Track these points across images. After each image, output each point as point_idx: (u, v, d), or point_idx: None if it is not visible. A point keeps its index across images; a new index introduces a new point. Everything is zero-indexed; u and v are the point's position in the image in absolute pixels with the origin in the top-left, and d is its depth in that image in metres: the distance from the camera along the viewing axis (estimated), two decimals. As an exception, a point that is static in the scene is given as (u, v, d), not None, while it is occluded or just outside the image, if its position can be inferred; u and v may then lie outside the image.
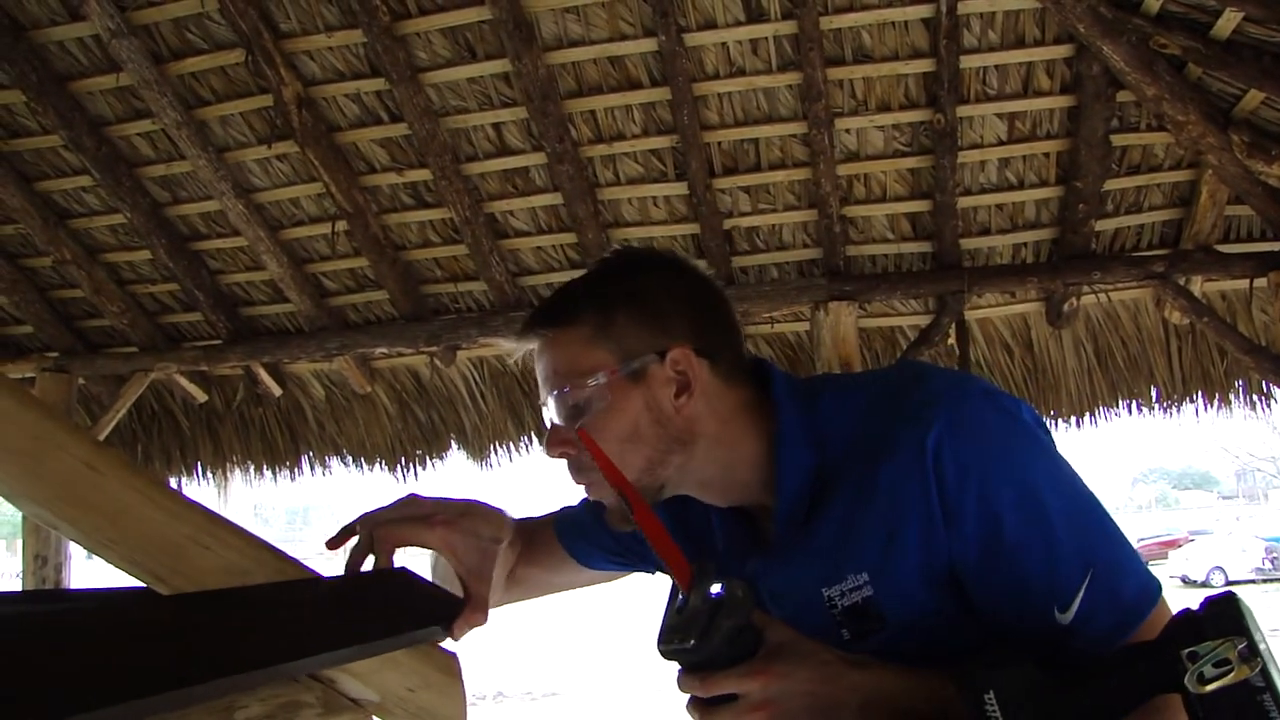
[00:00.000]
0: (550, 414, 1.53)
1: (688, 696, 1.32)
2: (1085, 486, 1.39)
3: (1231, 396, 6.44)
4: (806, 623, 1.42)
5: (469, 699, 1.56)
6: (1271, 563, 29.00)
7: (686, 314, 1.53)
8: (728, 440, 1.52)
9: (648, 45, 5.53)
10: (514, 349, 1.60)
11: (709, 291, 1.60)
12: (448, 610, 1.52)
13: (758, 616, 1.30)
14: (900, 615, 1.41)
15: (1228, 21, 4.61)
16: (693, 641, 1.23)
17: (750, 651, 1.28)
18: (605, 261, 1.62)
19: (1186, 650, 1.10)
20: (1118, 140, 5.52)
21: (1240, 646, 1.08)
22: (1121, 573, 1.33)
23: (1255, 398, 6.40)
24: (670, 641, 1.25)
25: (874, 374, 1.75)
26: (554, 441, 1.53)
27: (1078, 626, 1.30)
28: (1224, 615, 1.11)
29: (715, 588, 1.25)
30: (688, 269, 1.60)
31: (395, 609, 1.43)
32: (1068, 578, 1.31)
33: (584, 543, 1.88)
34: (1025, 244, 6.08)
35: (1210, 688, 1.08)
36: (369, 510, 1.56)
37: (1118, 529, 1.36)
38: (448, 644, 1.54)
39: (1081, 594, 1.30)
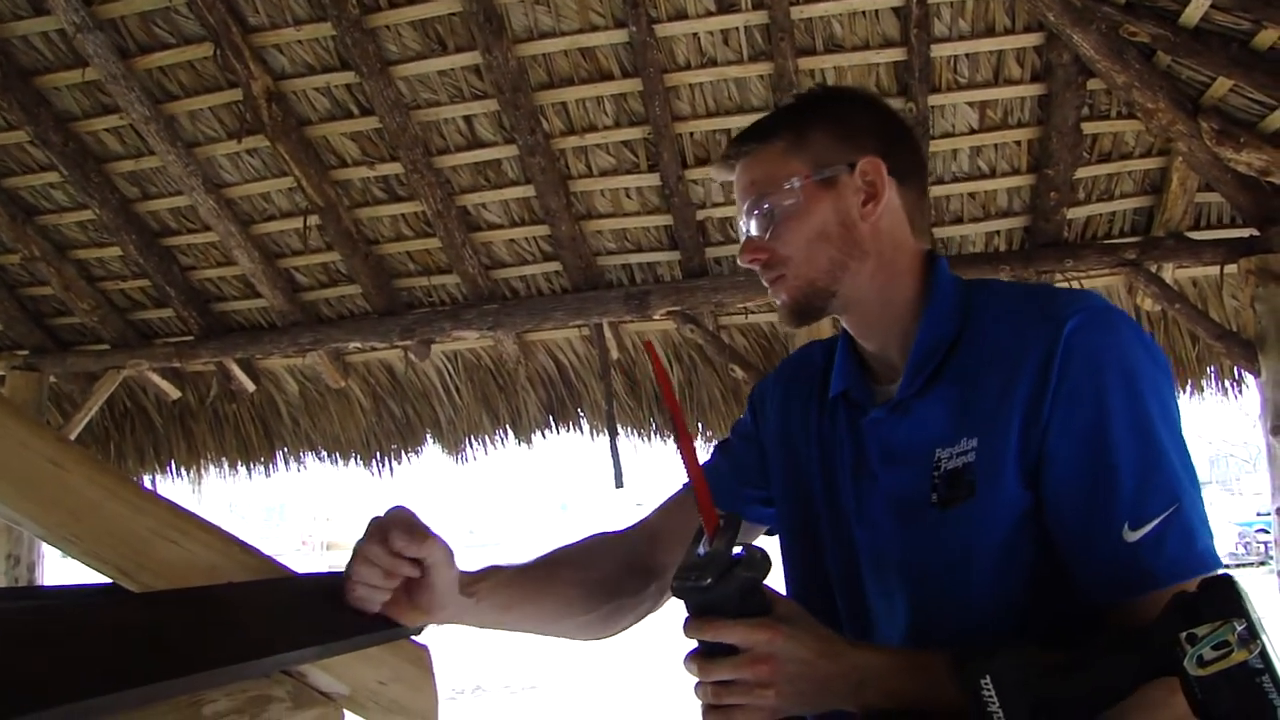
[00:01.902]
0: (747, 228, 1.65)
1: (688, 648, 1.34)
2: (1185, 439, 1.42)
3: (1204, 383, 6.48)
4: (906, 483, 1.53)
5: (447, 692, 1.56)
6: (1245, 548, 29.25)
7: (877, 134, 1.64)
8: (894, 269, 1.62)
9: (618, 36, 5.52)
10: (719, 175, 1.73)
11: (901, 123, 1.71)
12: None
13: (768, 590, 1.32)
14: (987, 492, 1.45)
15: (1196, 9, 4.63)
16: (709, 580, 1.26)
17: (758, 613, 1.30)
18: (799, 96, 1.73)
19: (1185, 633, 1.10)
20: (1089, 128, 5.55)
21: (1239, 629, 1.08)
22: (1200, 523, 1.36)
23: (1227, 383, 6.45)
24: (686, 578, 1.28)
25: (1029, 284, 1.85)
26: (748, 249, 1.66)
27: (1142, 549, 1.33)
28: (1222, 597, 1.11)
29: (737, 549, 1.29)
30: (882, 103, 1.74)
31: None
32: (1152, 498, 1.35)
33: (736, 499, 1.86)
34: (998, 232, 6.10)
35: (1209, 670, 1.09)
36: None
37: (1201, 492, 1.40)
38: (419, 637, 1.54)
39: (1158, 520, 1.33)
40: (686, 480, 1.75)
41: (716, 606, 1.28)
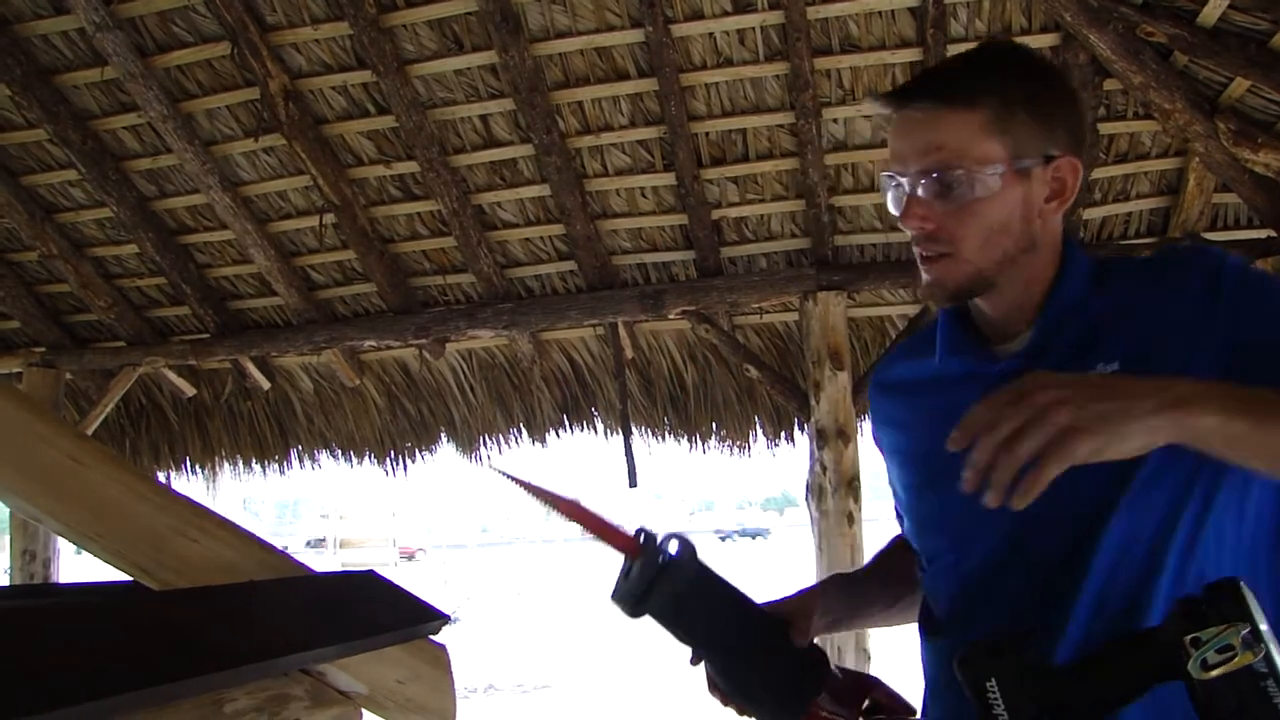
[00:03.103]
0: (912, 187, 1.51)
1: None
2: None
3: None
4: None
5: (459, 691, 1.56)
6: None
7: (1073, 126, 1.55)
8: (1047, 256, 1.56)
9: (635, 36, 5.52)
10: (875, 109, 1.64)
11: (1084, 111, 1.69)
12: (424, 609, 1.51)
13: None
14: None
15: (1213, 9, 4.61)
16: (635, 600, 1.39)
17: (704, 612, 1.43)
18: (994, 52, 1.61)
19: (1189, 636, 1.10)
20: (1105, 128, 5.52)
21: (1244, 632, 1.08)
22: None
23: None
24: (622, 602, 1.42)
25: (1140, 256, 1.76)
26: (915, 213, 1.51)
27: None
28: (1227, 601, 1.11)
29: (673, 546, 1.41)
30: (1071, 84, 1.65)
31: (380, 606, 1.43)
32: None
33: None
34: (1013, 233, 6.07)
35: (1213, 674, 1.08)
36: None
37: None
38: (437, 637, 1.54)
39: None
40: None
41: (666, 611, 1.41)
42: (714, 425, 7.06)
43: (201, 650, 1.08)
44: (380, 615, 1.40)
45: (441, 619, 1.52)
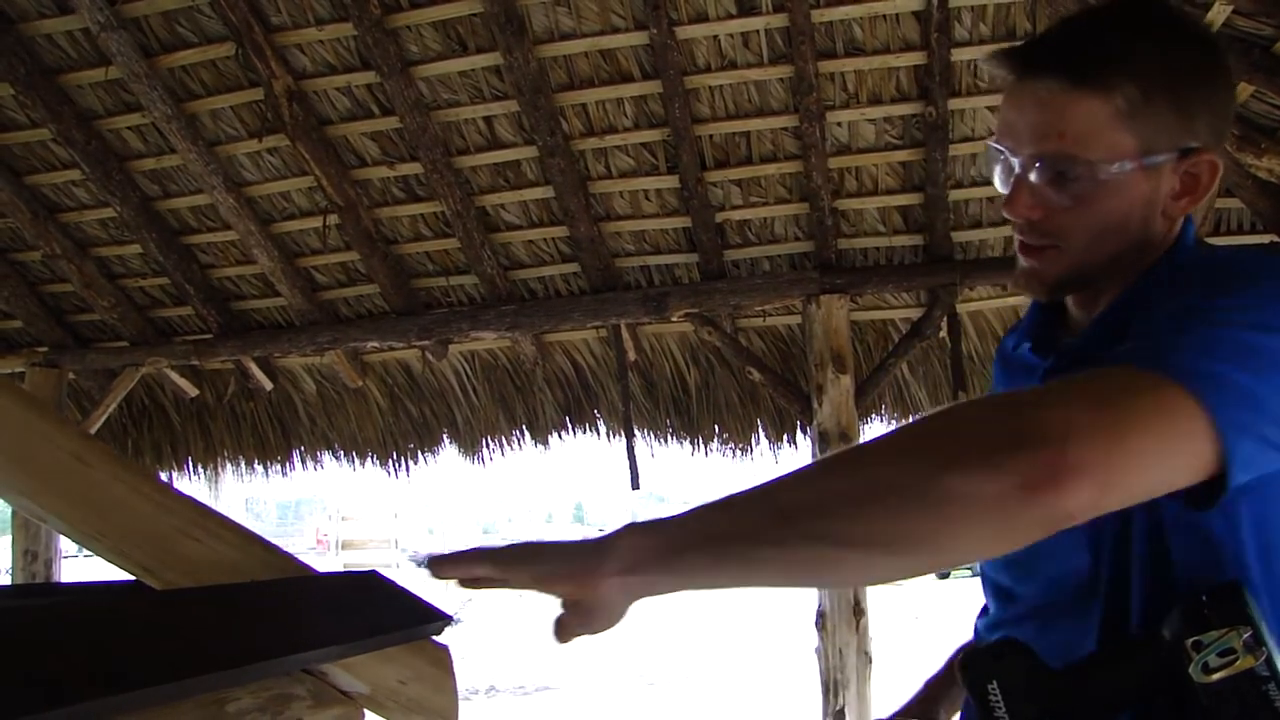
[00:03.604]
0: (1022, 169, 1.34)
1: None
2: None
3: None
4: None
5: (461, 693, 1.56)
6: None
7: (1214, 111, 1.34)
8: (1157, 255, 1.37)
9: (639, 38, 5.52)
10: (995, 68, 1.36)
11: (1231, 88, 1.42)
12: (427, 610, 1.51)
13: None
14: None
15: (1217, 14, 4.60)
16: None
17: None
18: (1142, 14, 1.35)
19: (1191, 640, 1.10)
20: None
21: (1245, 636, 1.07)
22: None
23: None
24: None
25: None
26: (1023, 203, 1.35)
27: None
28: (1228, 604, 1.10)
29: None
30: (1222, 52, 1.38)
31: (383, 606, 1.43)
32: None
33: None
34: (1017, 237, 6.07)
35: (1215, 677, 1.08)
36: None
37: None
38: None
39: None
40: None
41: None
42: (716, 428, 7.06)
43: (204, 650, 1.08)
44: (382, 616, 1.40)
45: (444, 620, 1.51)
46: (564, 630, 1.15)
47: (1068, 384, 1.06)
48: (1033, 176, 1.33)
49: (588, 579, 1.10)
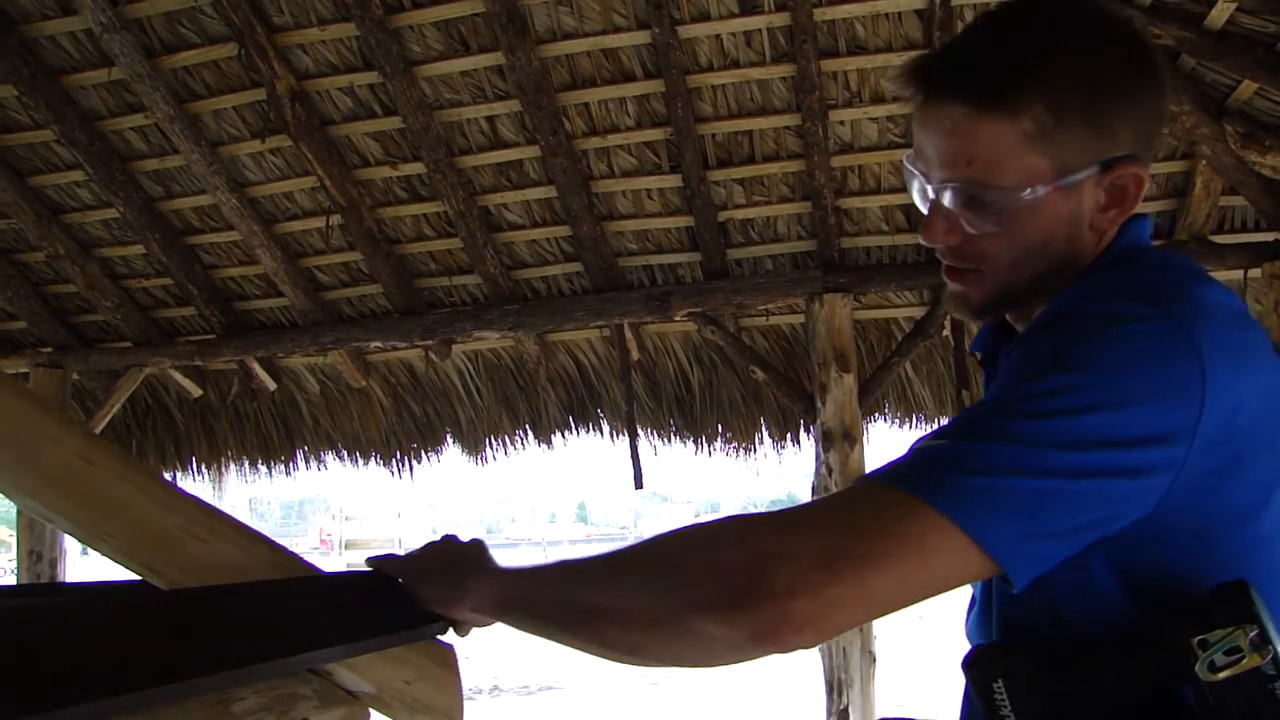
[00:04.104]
0: (937, 193, 1.30)
1: None
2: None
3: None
4: None
5: (465, 692, 1.56)
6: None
7: (1138, 118, 1.26)
8: (1090, 262, 1.31)
9: (641, 37, 5.52)
10: (899, 88, 1.30)
11: (1160, 90, 1.31)
12: (431, 610, 1.51)
13: None
14: None
15: (1221, 12, 4.60)
16: None
17: None
18: (1050, 22, 1.26)
19: (1197, 638, 1.09)
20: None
21: (1252, 634, 1.07)
22: (947, 461, 1.09)
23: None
24: None
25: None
26: (938, 231, 1.31)
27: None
28: (1235, 603, 1.10)
29: None
30: (1147, 51, 1.29)
31: (388, 606, 1.43)
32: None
33: None
34: (1020, 235, 6.07)
35: (1221, 676, 1.07)
36: None
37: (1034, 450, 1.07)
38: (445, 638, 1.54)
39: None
40: None
41: None
42: (719, 427, 7.06)
43: (210, 650, 1.08)
44: (388, 616, 1.40)
45: (448, 620, 1.52)
46: (459, 630, 1.45)
47: (818, 510, 1.14)
48: (946, 202, 1.29)
49: (450, 610, 1.40)
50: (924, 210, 1.34)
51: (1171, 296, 1.14)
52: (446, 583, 1.39)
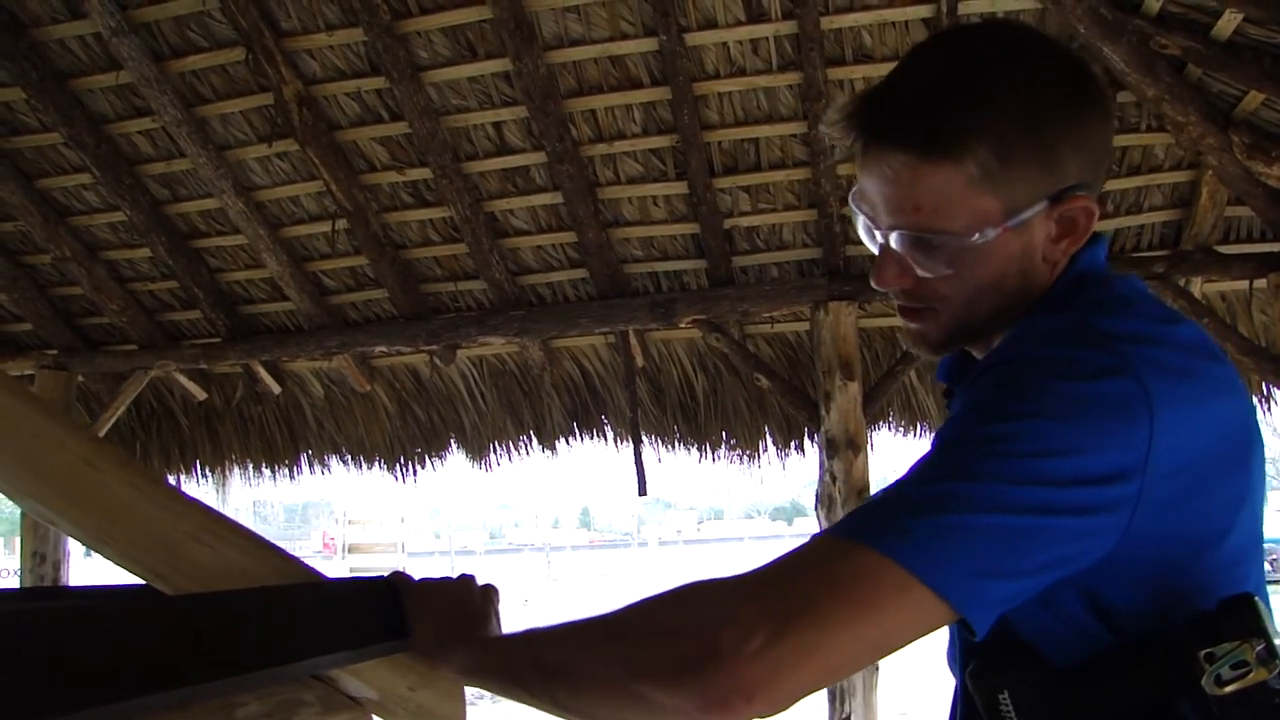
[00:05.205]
0: (885, 237, 1.29)
1: None
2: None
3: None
4: None
5: (468, 699, 1.56)
6: (1271, 565, 28.95)
7: (1085, 148, 1.25)
8: (1029, 302, 1.30)
9: (648, 45, 5.52)
10: (836, 133, 1.28)
11: (1107, 116, 1.32)
12: None
13: None
14: None
15: (1228, 22, 4.60)
16: None
17: None
18: (985, 60, 1.23)
19: (1203, 651, 1.09)
20: (1118, 141, 5.50)
21: (1258, 648, 1.07)
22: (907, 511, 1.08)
23: (1256, 399, 6.39)
24: None
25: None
26: (890, 274, 1.30)
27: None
28: (1241, 616, 1.09)
29: None
30: (1089, 79, 1.28)
31: (392, 612, 1.43)
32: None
33: None
34: (1025, 244, 6.06)
35: (1227, 689, 1.07)
36: None
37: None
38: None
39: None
40: None
41: None
42: (724, 434, 7.06)
43: (213, 655, 1.08)
44: (391, 622, 1.40)
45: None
46: None
47: (772, 571, 1.11)
48: (895, 245, 1.27)
49: (430, 666, 1.45)
50: (873, 250, 1.33)
51: (1117, 333, 1.14)
52: (436, 638, 1.41)
